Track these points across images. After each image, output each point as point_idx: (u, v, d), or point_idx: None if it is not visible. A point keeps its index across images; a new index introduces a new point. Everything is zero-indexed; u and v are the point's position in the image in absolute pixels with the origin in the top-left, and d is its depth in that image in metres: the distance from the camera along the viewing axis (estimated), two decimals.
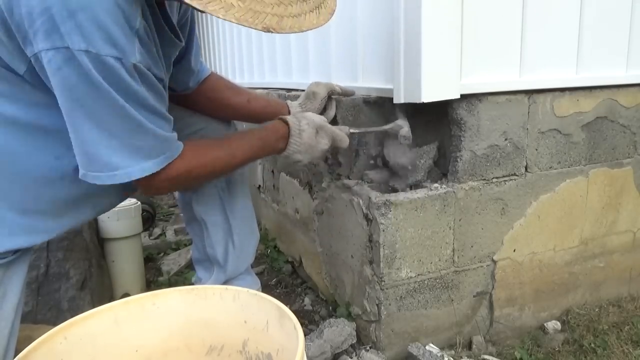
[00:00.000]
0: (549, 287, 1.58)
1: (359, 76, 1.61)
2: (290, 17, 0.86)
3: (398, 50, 1.29)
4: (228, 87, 1.42)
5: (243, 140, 1.19)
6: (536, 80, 1.41)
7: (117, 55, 0.84)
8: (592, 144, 1.54)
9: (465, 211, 1.37)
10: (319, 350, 1.29)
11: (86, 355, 0.79)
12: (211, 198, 1.39)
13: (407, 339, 1.37)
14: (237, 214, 1.43)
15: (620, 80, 1.54)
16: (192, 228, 1.48)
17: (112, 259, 1.86)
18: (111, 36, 0.83)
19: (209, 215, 1.40)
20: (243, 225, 1.44)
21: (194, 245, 1.52)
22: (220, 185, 1.39)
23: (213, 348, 0.89)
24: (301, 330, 0.71)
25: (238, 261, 1.45)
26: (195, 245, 1.50)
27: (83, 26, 0.81)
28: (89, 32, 0.81)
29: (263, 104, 1.45)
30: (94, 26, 0.81)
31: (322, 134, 1.25)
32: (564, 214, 1.54)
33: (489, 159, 1.39)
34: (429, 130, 1.46)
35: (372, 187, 1.41)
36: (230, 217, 1.41)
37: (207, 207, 1.40)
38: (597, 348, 1.44)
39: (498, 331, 1.52)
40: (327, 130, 1.26)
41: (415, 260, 1.33)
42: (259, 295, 0.82)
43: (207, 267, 1.48)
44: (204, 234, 1.43)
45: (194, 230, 1.47)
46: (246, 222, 1.46)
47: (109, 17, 0.82)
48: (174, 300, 0.88)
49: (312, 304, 1.76)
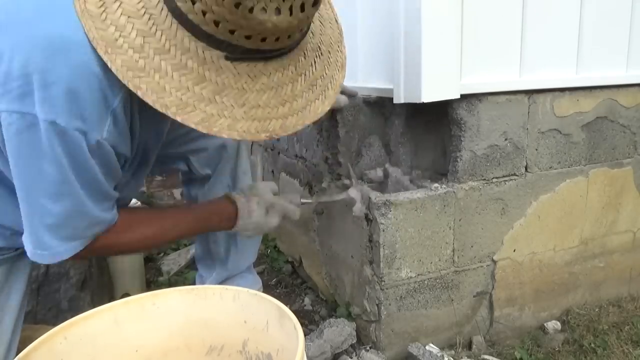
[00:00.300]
0: (549, 287, 1.58)
1: (358, 76, 1.61)
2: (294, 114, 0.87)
3: (398, 50, 1.29)
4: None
5: (182, 220, 1.15)
6: (536, 80, 1.41)
7: (83, 129, 0.82)
8: (592, 144, 1.54)
9: (465, 211, 1.37)
10: (319, 350, 1.29)
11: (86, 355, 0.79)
12: (217, 195, 1.40)
13: (407, 339, 1.37)
14: None
15: (620, 80, 1.54)
16: None
17: (112, 259, 1.86)
18: (83, 112, 0.81)
19: None
20: None
21: (197, 242, 1.53)
22: (226, 181, 1.39)
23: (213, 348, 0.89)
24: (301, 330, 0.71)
25: (239, 259, 1.46)
26: (199, 242, 1.51)
27: (57, 98, 0.79)
28: (61, 104, 0.79)
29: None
30: (69, 100, 0.79)
31: (273, 213, 1.24)
32: (564, 214, 1.54)
33: (489, 159, 1.39)
34: (429, 130, 1.46)
35: (372, 187, 1.41)
36: None
37: None
38: (597, 348, 1.44)
39: (498, 331, 1.52)
40: (277, 208, 1.25)
41: (415, 260, 1.33)
42: (259, 295, 0.82)
43: (209, 265, 1.50)
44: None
45: None
46: None
47: (86, 94, 0.81)
48: (174, 300, 0.88)
49: (312, 304, 1.76)
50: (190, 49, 0.79)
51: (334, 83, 0.95)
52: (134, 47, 0.78)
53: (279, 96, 0.85)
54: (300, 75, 0.88)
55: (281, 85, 0.86)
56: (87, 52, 0.79)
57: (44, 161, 0.83)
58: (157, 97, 0.79)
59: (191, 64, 0.79)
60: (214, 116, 0.81)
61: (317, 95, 0.90)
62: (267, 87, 0.84)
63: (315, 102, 0.90)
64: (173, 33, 0.79)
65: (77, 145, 0.83)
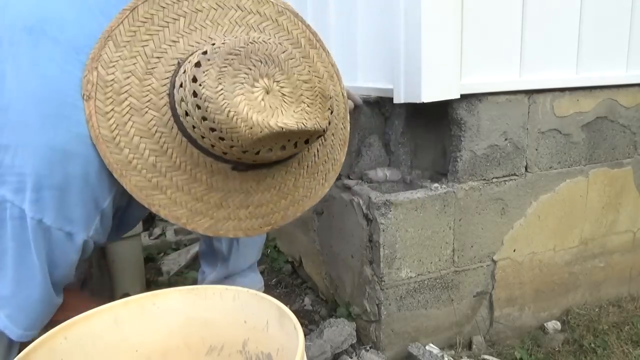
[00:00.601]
0: (549, 287, 1.58)
1: (358, 76, 1.61)
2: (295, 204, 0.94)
3: (398, 50, 1.29)
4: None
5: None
6: (536, 80, 1.41)
7: (69, 231, 0.86)
8: (592, 144, 1.54)
9: (465, 211, 1.37)
10: (319, 350, 1.29)
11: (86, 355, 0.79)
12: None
13: (407, 339, 1.37)
14: None
15: (620, 80, 1.54)
16: None
17: (112, 259, 1.86)
18: (71, 215, 0.85)
19: None
20: None
21: (202, 238, 1.53)
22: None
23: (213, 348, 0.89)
24: (301, 330, 0.71)
25: (241, 257, 1.47)
26: (204, 238, 1.52)
27: (46, 201, 0.83)
28: (50, 207, 0.83)
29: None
30: (58, 204, 0.83)
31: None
32: (564, 214, 1.54)
33: (489, 159, 1.39)
34: (429, 130, 1.46)
35: (372, 187, 1.41)
36: None
37: None
38: (597, 348, 1.44)
39: (498, 331, 1.52)
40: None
41: (415, 260, 1.33)
42: (259, 295, 0.82)
43: (212, 262, 1.50)
44: None
45: None
46: None
47: (77, 198, 0.84)
48: (174, 300, 0.88)
49: (312, 304, 1.75)
50: (199, 163, 0.85)
51: (335, 164, 1.00)
52: (147, 167, 0.84)
53: (281, 192, 0.92)
54: (302, 168, 0.94)
55: (284, 182, 0.92)
56: (84, 164, 0.83)
57: (24, 251, 0.86)
58: (169, 211, 0.86)
59: (200, 176, 0.86)
60: (221, 221, 0.88)
61: (318, 182, 0.95)
62: (270, 186, 0.90)
63: (315, 188, 0.95)
64: (183, 150, 0.85)
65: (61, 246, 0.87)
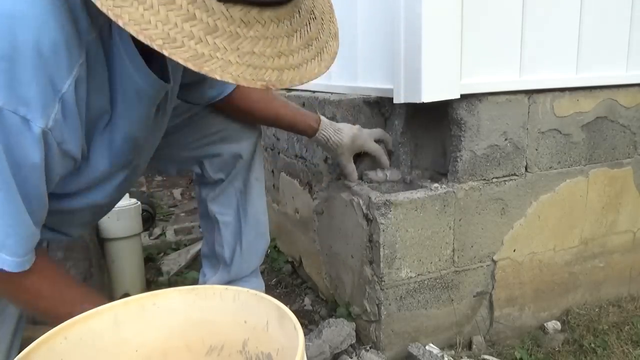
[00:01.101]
0: (549, 287, 1.58)
1: (358, 76, 1.61)
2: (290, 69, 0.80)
3: (398, 50, 1.29)
4: (256, 100, 1.35)
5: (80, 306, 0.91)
6: (536, 80, 1.41)
7: (24, 115, 0.73)
8: (592, 144, 1.54)
9: (465, 211, 1.37)
10: (318, 350, 1.29)
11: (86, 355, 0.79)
12: (228, 199, 1.40)
13: (407, 339, 1.37)
14: (250, 217, 1.43)
15: (620, 80, 1.54)
16: (204, 223, 1.49)
17: (112, 259, 1.86)
18: (25, 95, 0.73)
19: (222, 215, 1.41)
20: (253, 229, 1.44)
21: (204, 239, 1.53)
22: (238, 186, 1.39)
23: (213, 348, 0.89)
24: (301, 330, 0.71)
25: (243, 264, 1.46)
26: (206, 241, 1.52)
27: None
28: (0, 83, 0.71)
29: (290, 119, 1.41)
30: (8, 79, 0.71)
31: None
32: (564, 214, 1.54)
33: (489, 159, 1.39)
34: (429, 130, 1.46)
35: (372, 187, 1.41)
36: (242, 220, 1.42)
37: (222, 207, 1.41)
38: (597, 348, 1.44)
39: (498, 331, 1.52)
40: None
41: (415, 260, 1.33)
42: (259, 295, 0.82)
43: (214, 265, 1.50)
44: (215, 231, 1.44)
45: (206, 226, 1.48)
46: (257, 226, 1.46)
47: (29, 73, 0.72)
48: (174, 300, 0.88)
49: (312, 304, 1.76)
50: None
51: (329, 49, 0.89)
52: None
53: (274, 47, 0.78)
54: (295, 31, 0.81)
55: (276, 37, 0.78)
56: (37, 30, 0.71)
57: None
58: (140, 28, 0.68)
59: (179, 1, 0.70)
60: (205, 56, 0.71)
61: (313, 55, 0.83)
62: (261, 35, 0.76)
63: (311, 61, 0.83)
64: None
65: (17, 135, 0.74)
